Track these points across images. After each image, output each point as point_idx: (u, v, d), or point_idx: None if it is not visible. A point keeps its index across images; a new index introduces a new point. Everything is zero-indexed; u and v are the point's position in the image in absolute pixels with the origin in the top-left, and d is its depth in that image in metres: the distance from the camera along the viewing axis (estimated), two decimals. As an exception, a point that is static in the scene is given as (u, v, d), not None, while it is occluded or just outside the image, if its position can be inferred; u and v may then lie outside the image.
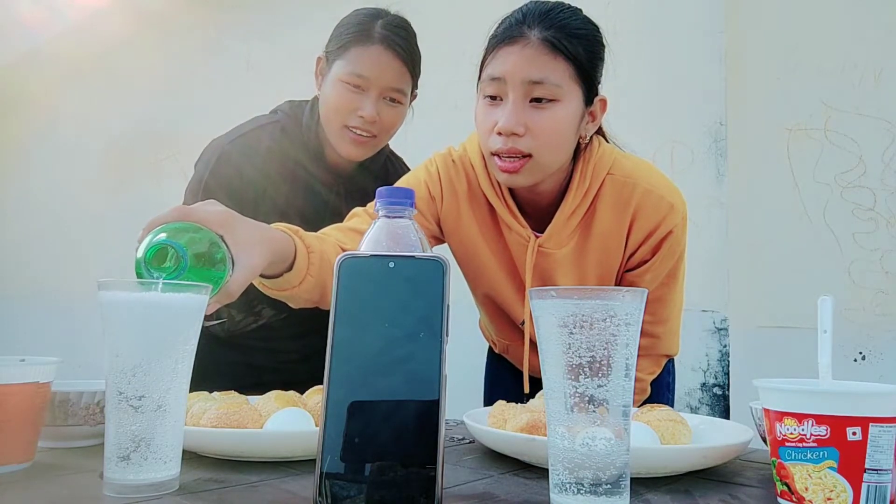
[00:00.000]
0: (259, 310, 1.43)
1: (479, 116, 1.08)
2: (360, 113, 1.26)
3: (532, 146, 1.03)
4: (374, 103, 1.26)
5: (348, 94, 1.26)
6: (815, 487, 0.58)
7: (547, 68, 1.01)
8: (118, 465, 0.59)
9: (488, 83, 1.05)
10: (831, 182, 2.45)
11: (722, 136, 2.32)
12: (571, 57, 1.02)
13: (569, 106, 1.04)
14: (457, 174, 1.18)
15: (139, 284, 0.63)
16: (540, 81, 1.01)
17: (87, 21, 3.26)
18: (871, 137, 2.43)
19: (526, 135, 1.02)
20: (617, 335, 0.57)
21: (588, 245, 1.15)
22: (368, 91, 1.26)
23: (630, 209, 1.13)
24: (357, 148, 1.30)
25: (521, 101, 1.02)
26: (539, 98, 1.02)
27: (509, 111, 1.02)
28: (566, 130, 1.05)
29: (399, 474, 0.51)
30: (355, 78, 1.26)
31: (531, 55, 1.01)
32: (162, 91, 3.17)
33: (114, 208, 3.24)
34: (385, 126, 1.30)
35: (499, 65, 1.03)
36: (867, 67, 2.45)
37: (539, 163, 1.05)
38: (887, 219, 2.41)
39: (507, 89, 1.03)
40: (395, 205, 0.60)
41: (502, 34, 1.05)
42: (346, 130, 1.28)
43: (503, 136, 1.03)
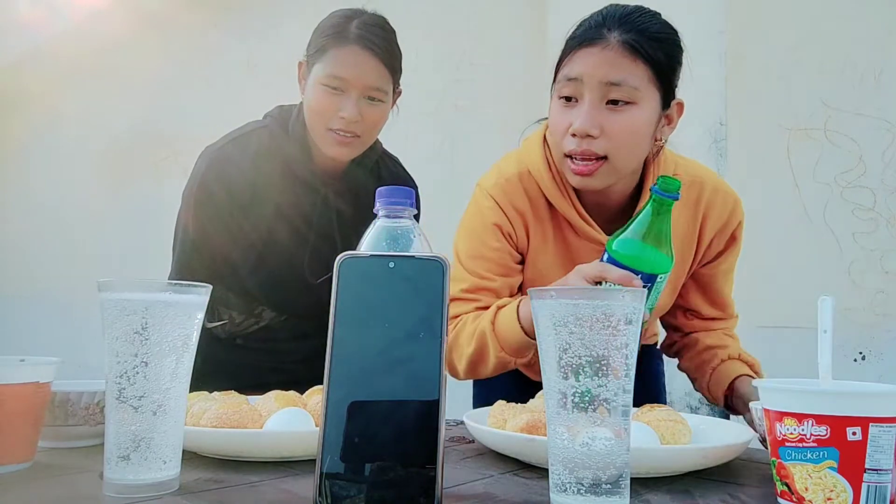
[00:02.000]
0: (259, 311, 1.44)
1: (554, 117, 1.07)
2: (341, 114, 1.25)
3: (607, 148, 1.02)
4: (354, 104, 1.26)
5: (328, 97, 1.26)
6: (815, 487, 0.58)
7: (626, 70, 1.01)
8: (118, 465, 0.59)
9: (564, 84, 1.04)
10: (831, 182, 2.45)
11: (722, 136, 2.32)
12: (651, 60, 1.01)
13: (645, 109, 1.03)
14: (515, 193, 1.15)
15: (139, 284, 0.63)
16: (618, 83, 1.00)
17: (87, 21, 3.26)
18: (871, 137, 2.43)
19: (601, 137, 1.01)
20: (617, 335, 0.57)
21: None
22: (348, 92, 1.26)
23: (701, 208, 1.14)
24: (342, 148, 1.30)
25: (598, 103, 1.01)
26: (616, 100, 1.01)
27: (585, 112, 1.01)
28: (642, 133, 1.04)
29: (399, 474, 0.51)
30: (333, 80, 1.26)
31: (610, 57, 1.00)
32: (162, 91, 3.18)
33: (114, 208, 3.24)
34: (368, 125, 1.30)
35: (576, 66, 1.03)
36: (867, 67, 2.45)
37: (614, 165, 1.04)
38: (887, 219, 2.41)
39: (583, 90, 1.02)
40: (395, 205, 0.60)
41: (581, 35, 1.04)
42: (329, 132, 1.28)
43: (577, 138, 1.02)
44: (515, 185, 1.15)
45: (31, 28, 3.25)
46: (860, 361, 2.38)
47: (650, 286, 0.92)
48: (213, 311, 1.42)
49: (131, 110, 3.24)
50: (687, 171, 1.15)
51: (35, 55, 3.35)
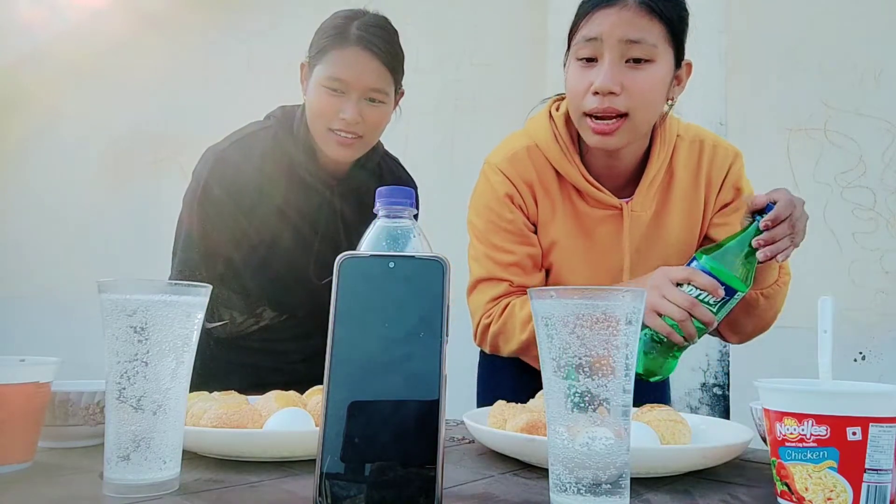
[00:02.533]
0: (260, 311, 1.43)
1: (572, 79, 1.09)
2: (341, 116, 1.26)
3: (628, 105, 1.05)
4: (354, 105, 1.26)
5: (329, 98, 1.26)
6: (815, 487, 0.58)
7: (644, 29, 1.04)
8: (118, 465, 0.59)
9: (583, 45, 1.06)
10: (831, 182, 2.45)
11: (722, 136, 2.32)
12: (666, 19, 1.05)
13: (662, 67, 1.07)
14: (523, 166, 1.18)
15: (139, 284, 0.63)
16: (637, 41, 1.03)
17: (87, 21, 3.26)
18: (871, 137, 2.43)
19: (622, 94, 1.04)
20: (617, 335, 0.57)
21: (670, 204, 1.19)
22: (349, 93, 1.26)
23: (704, 168, 1.18)
24: (344, 149, 1.30)
25: (618, 61, 1.04)
26: (636, 58, 1.04)
27: (606, 70, 1.04)
28: (660, 90, 1.08)
29: (399, 474, 0.51)
30: (334, 82, 1.26)
31: (628, 16, 1.03)
32: (162, 91, 3.18)
33: (113, 208, 3.24)
34: (370, 126, 1.29)
35: (595, 26, 1.05)
36: (867, 67, 2.45)
37: (634, 123, 1.07)
38: (887, 219, 2.41)
39: (602, 50, 1.04)
40: (395, 205, 0.60)
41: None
42: (330, 133, 1.28)
43: (599, 96, 1.04)
44: (523, 158, 1.18)
45: (31, 28, 3.25)
46: (860, 361, 2.38)
47: (728, 300, 0.98)
48: (213, 311, 1.42)
49: (131, 110, 3.24)
50: (687, 131, 1.20)
51: (35, 55, 3.35)
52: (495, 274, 1.18)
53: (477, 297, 1.20)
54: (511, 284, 1.17)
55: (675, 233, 1.20)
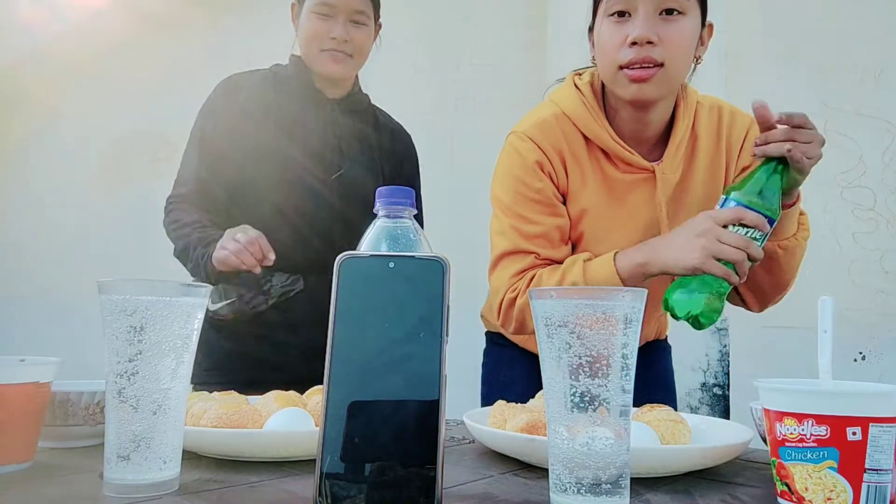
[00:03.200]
0: (268, 287, 1.46)
1: (605, 34, 1.10)
2: (331, 35, 1.44)
3: (665, 55, 1.07)
4: (342, 26, 1.44)
5: (319, 22, 1.44)
6: (815, 487, 0.58)
7: None
8: (118, 465, 0.59)
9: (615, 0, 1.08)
10: (831, 182, 2.45)
11: (722, 136, 2.31)
12: None
13: (692, 20, 1.09)
14: (552, 133, 1.17)
15: (139, 284, 0.63)
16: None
17: (87, 21, 3.26)
18: (871, 137, 2.43)
19: (659, 44, 1.06)
20: (616, 335, 0.57)
21: (694, 168, 1.19)
22: (336, 17, 1.44)
23: (724, 132, 1.20)
24: (336, 65, 1.47)
25: (653, 13, 1.06)
26: (669, 9, 1.07)
27: (642, 21, 1.06)
28: (692, 42, 1.11)
29: (399, 474, 0.51)
30: (324, 7, 1.44)
31: None
32: (162, 91, 3.17)
33: (113, 208, 3.24)
34: (357, 45, 1.47)
35: None
36: (867, 67, 2.45)
37: (669, 74, 1.08)
38: (887, 219, 2.41)
39: (636, 3, 1.07)
40: (395, 205, 0.60)
41: None
42: (322, 53, 1.46)
43: (637, 47, 1.06)
44: (552, 124, 1.18)
45: (31, 28, 3.25)
46: (860, 361, 2.37)
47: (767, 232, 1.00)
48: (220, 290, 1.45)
49: (131, 110, 3.24)
50: (706, 100, 1.23)
51: (35, 55, 3.35)
52: (521, 246, 1.15)
53: (501, 273, 1.17)
54: (537, 257, 1.15)
55: (700, 195, 1.20)
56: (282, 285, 1.46)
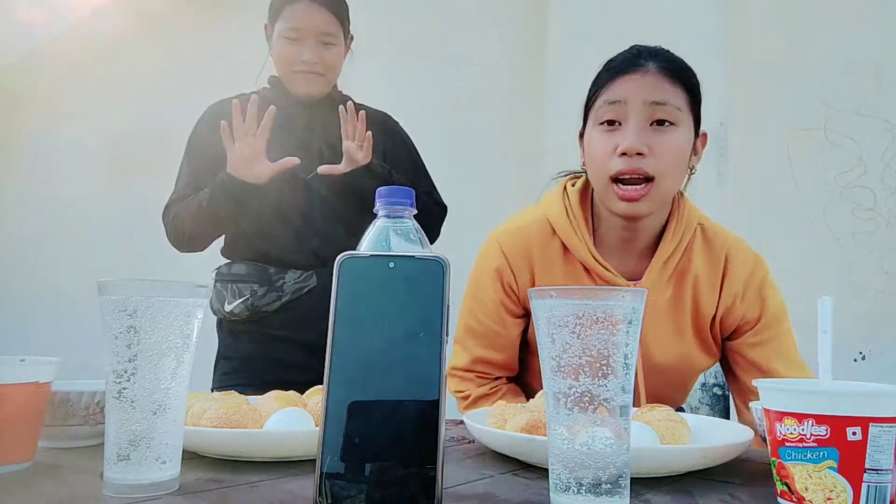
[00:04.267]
0: (280, 284, 1.49)
1: (595, 143, 1.08)
2: (302, 59, 1.51)
3: (655, 168, 1.04)
4: (312, 48, 1.51)
5: (289, 46, 1.51)
6: (815, 487, 0.58)
7: (668, 92, 1.05)
8: (118, 465, 0.59)
9: (606, 109, 1.06)
10: (831, 182, 2.45)
11: (722, 136, 2.32)
12: (687, 86, 1.07)
13: (685, 131, 1.07)
14: (525, 240, 1.16)
15: (139, 284, 0.63)
16: (662, 103, 1.04)
17: (87, 21, 3.26)
18: (871, 137, 2.43)
19: (649, 156, 1.03)
20: (616, 335, 0.57)
21: (684, 293, 1.13)
22: (305, 40, 1.51)
23: (722, 258, 1.14)
24: (309, 84, 1.53)
25: (644, 123, 1.04)
26: (661, 120, 1.05)
27: (632, 131, 1.03)
28: (684, 154, 1.08)
29: (399, 474, 0.51)
30: (292, 32, 1.50)
31: (652, 80, 1.05)
32: (162, 91, 3.17)
33: (113, 208, 3.24)
34: (328, 65, 1.54)
35: (619, 90, 1.06)
36: (867, 67, 2.45)
37: (660, 187, 1.05)
38: (887, 219, 2.41)
39: (627, 113, 1.04)
40: (395, 205, 0.60)
41: (619, 65, 1.08)
42: (295, 74, 1.53)
43: (626, 158, 1.03)
44: (527, 232, 1.16)
45: (31, 28, 3.25)
46: (860, 361, 2.37)
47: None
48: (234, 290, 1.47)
49: (131, 110, 3.24)
50: (710, 225, 1.17)
51: (35, 55, 3.35)
52: (466, 339, 1.19)
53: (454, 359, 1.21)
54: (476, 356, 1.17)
55: (685, 323, 1.14)
56: (294, 282, 1.49)
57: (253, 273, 1.49)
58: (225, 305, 1.48)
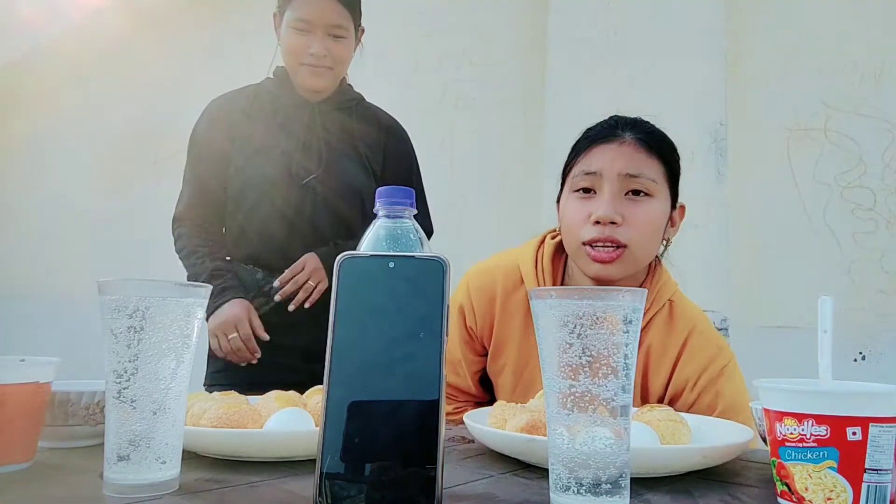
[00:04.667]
0: (269, 290, 1.51)
1: (570, 210, 1.10)
2: (310, 51, 1.46)
3: (629, 237, 1.05)
4: (321, 41, 1.46)
5: (298, 37, 1.46)
6: (815, 487, 0.58)
7: (644, 164, 1.06)
8: (118, 465, 0.59)
9: (582, 178, 1.08)
10: (831, 182, 2.45)
11: (722, 136, 2.32)
12: (663, 158, 1.08)
13: (661, 202, 1.08)
14: (492, 282, 1.18)
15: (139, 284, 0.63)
16: (637, 175, 1.05)
17: (87, 21, 3.26)
18: (871, 137, 2.43)
19: (623, 225, 1.05)
20: (616, 335, 0.57)
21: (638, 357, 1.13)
22: (315, 31, 1.46)
23: (681, 340, 1.11)
24: (316, 78, 1.49)
25: (619, 193, 1.06)
26: (636, 191, 1.06)
27: (607, 201, 1.05)
28: (658, 225, 1.09)
29: (399, 474, 0.51)
30: (301, 23, 1.45)
31: (628, 151, 1.06)
32: (162, 91, 3.17)
33: (114, 208, 3.24)
34: (336, 58, 1.49)
35: (595, 160, 1.07)
36: (867, 67, 2.45)
37: (633, 255, 1.06)
38: (887, 219, 2.41)
39: (602, 183, 1.06)
40: (395, 205, 0.60)
41: (597, 134, 1.09)
42: (302, 67, 1.48)
43: (600, 226, 1.05)
44: (495, 276, 1.18)
45: (31, 28, 3.25)
46: (860, 361, 2.38)
47: None
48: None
49: (131, 110, 3.24)
50: (682, 303, 1.15)
51: (35, 55, 3.35)
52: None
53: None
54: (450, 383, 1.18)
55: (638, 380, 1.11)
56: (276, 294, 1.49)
57: (243, 279, 1.50)
58: None
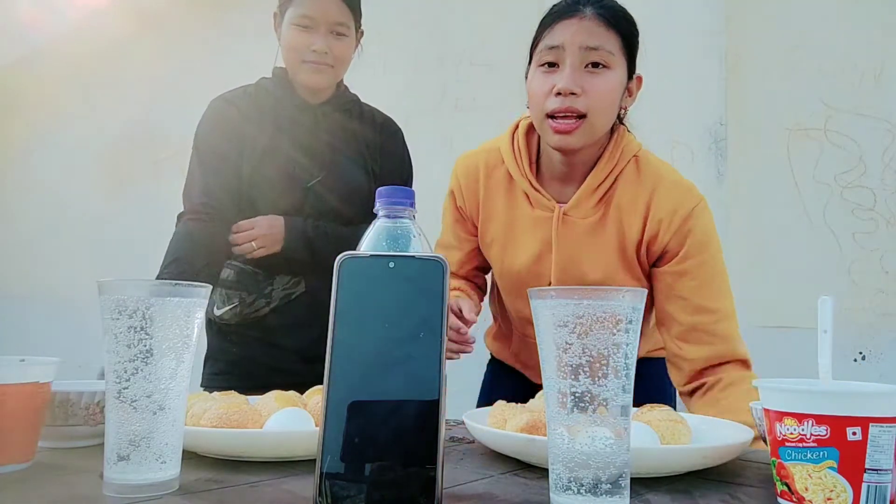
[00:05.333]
0: (269, 291, 1.48)
1: (535, 83, 1.17)
2: (312, 48, 1.45)
3: (588, 105, 1.12)
4: (323, 38, 1.46)
5: (300, 34, 1.46)
6: (815, 487, 0.58)
7: (602, 38, 1.13)
8: (118, 465, 0.59)
9: (546, 52, 1.15)
10: (831, 182, 2.45)
11: (722, 136, 2.32)
12: (621, 32, 1.14)
13: (618, 74, 1.15)
14: (475, 165, 1.29)
15: (139, 284, 0.63)
16: (596, 48, 1.12)
17: (87, 21, 3.25)
18: (871, 137, 2.43)
19: (582, 95, 1.12)
20: (616, 335, 0.57)
21: (608, 218, 1.21)
22: (317, 29, 1.46)
23: (648, 187, 1.20)
24: (317, 75, 1.48)
25: (579, 66, 1.13)
26: (595, 63, 1.12)
27: (568, 73, 1.12)
28: (615, 95, 1.16)
29: (399, 474, 0.51)
30: (304, 19, 1.45)
31: (588, 26, 1.13)
32: (162, 91, 3.17)
33: (114, 208, 3.24)
34: (337, 56, 1.49)
35: (557, 35, 1.14)
36: (867, 67, 2.45)
37: (592, 123, 1.13)
38: (887, 219, 2.41)
39: (564, 56, 1.13)
40: (395, 205, 0.60)
41: (560, 11, 1.16)
42: (304, 64, 1.47)
43: (561, 97, 1.12)
44: (478, 158, 1.30)
45: (31, 28, 3.25)
46: (860, 361, 2.37)
47: None
48: (224, 295, 1.46)
49: (131, 110, 3.24)
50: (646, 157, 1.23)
51: (35, 55, 3.35)
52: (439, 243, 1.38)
53: None
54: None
55: (613, 243, 1.20)
56: (283, 288, 1.48)
57: (242, 280, 1.47)
58: (214, 310, 1.49)
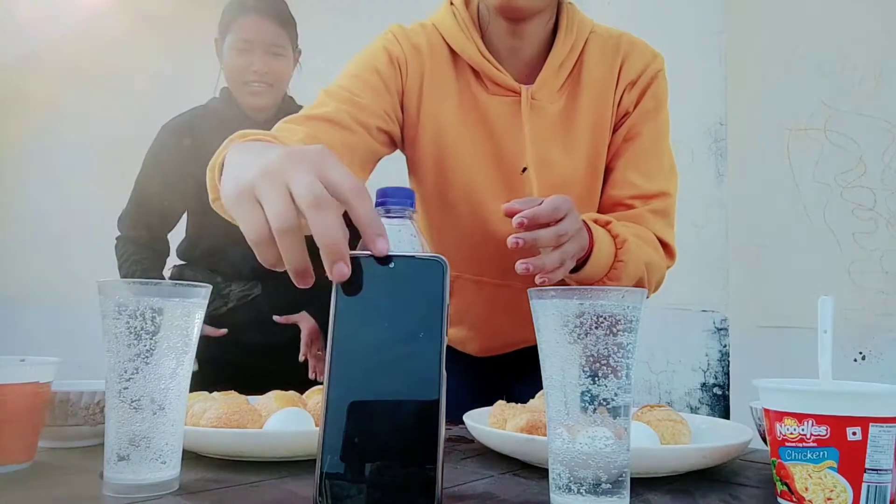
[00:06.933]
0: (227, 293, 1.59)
1: None
2: (252, 68, 1.57)
3: None
4: (261, 59, 1.57)
5: (239, 56, 1.58)
6: (815, 487, 0.58)
7: None
8: (118, 465, 0.59)
9: None
10: (831, 182, 2.45)
11: (722, 136, 2.32)
12: None
13: None
14: (417, 36, 1.11)
15: (139, 285, 0.63)
16: None
17: (87, 21, 3.25)
18: (871, 137, 2.43)
19: None
20: (617, 334, 0.57)
21: (579, 102, 1.11)
22: (255, 50, 1.57)
23: (619, 57, 1.12)
24: (258, 97, 1.59)
25: None
26: None
27: None
28: None
29: (399, 474, 0.51)
30: (242, 43, 1.57)
31: None
32: (162, 91, 3.17)
33: (113, 208, 3.24)
34: (276, 75, 1.59)
35: None
36: (867, 67, 2.45)
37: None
38: (887, 219, 2.41)
39: None
40: (394, 205, 0.60)
41: None
42: (245, 85, 1.59)
43: None
44: (417, 31, 1.12)
45: (31, 28, 3.25)
46: (860, 361, 2.37)
47: None
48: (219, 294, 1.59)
49: (131, 110, 3.23)
50: (604, 29, 1.15)
51: (35, 55, 3.35)
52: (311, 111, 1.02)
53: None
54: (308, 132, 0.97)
55: (587, 130, 1.11)
56: (240, 290, 1.59)
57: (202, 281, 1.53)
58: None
